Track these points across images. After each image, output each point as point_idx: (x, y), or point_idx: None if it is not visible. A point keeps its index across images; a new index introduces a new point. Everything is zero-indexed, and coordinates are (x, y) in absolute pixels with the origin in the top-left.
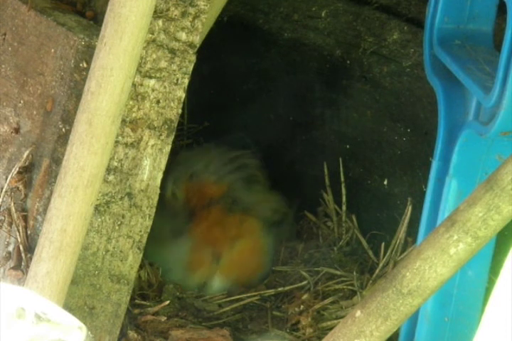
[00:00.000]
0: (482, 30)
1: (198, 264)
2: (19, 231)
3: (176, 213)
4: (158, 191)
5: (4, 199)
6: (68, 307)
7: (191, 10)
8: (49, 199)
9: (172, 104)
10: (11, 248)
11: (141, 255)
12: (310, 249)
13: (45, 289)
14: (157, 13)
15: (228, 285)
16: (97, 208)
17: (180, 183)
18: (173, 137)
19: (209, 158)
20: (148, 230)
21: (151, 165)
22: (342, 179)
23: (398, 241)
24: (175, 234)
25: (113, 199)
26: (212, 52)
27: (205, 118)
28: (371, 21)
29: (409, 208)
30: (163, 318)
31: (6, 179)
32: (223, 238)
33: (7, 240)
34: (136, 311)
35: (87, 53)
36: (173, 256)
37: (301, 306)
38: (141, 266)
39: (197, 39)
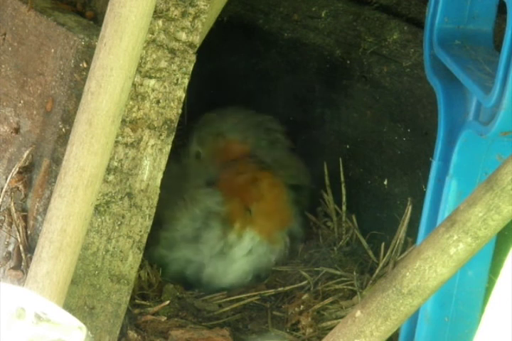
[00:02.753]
0: (482, 30)
1: (234, 216)
2: (19, 231)
3: (198, 172)
4: (158, 191)
5: (4, 199)
6: (68, 307)
7: (191, 10)
8: (49, 199)
9: (172, 104)
10: (11, 248)
11: (141, 255)
12: (310, 248)
13: (45, 289)
14: (157, 13)
15: (259, 241)
16: (97, 208)
17: (206, 143)
18: (173, 137)
19: (236, 120)
20: (148, 230)
21: (151, 165)
22: (342, 179)
23: (398, 241)
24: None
25: (113, 199)
26: (212, 52)
27: None
28: (371, 21)
29: (409, 208)
30: (163, 318)
31: (6, 179)
32: (252, 191)
33: (7, 240)
34: (136, 311)
35: (87, 53)
36: (206, 212)
37: (301, 306)
38: (141, 266)
39: (197, 39)
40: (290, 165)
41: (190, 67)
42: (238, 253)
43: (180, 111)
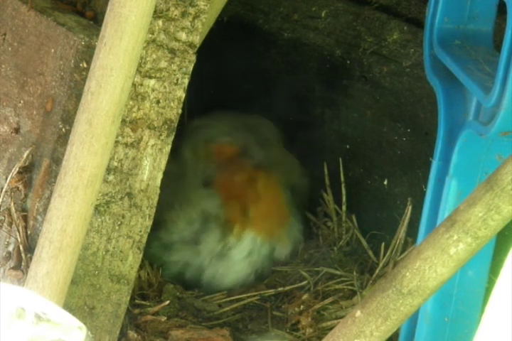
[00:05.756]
0: (482, 30)
1: (233, 219)
2: (19, 231)
3: (195, 173)
4: (158, 191)
5: (4, 199)
6: (68, 307)
7: (191, 10)
8: (49, 199)
9: (172, 104)
10: (11, 248)
11: (141, 255)
12: (310, 248)
13: (45, 289)
14: (157, 13)
15: (260, 241)
16: (97, 208)
17: (197, 149)
18: (173, 137)
19: (223, 123)
20: (148, 230)
21: (151, 165)
22: (342, 179)
23: (398, 241)
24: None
25: (113, 199)
26: (212, 52)
27: None
28: (371, 21)
29: (409, 208)
30: (163, 318)
31: (6, 179)
32: (248, 191)
33: (7, 240)
34: (136, 311)
35: (87, 53)
36: (203, 215)
37: (301, 306)
38: (141, 266)
39: (197, 39)
40: (284, 162)
41: (190, 67)
42: (238, 256)
43: (180, 111)
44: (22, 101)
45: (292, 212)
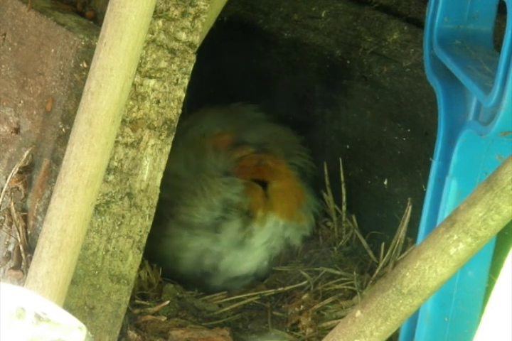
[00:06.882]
0: (482, 30)
1: (256, 205)
2: (19, 231)
3: (215, 163)
4: (159, 191)
5: (4, 199)
6: (68, 307)
7: (191, 10)
8: (49, 199)
9: (172, 104)
10: (11, 248)
11: (141, 255)
12: (310, 248)
13: (45, 289)
14: (157, 13)
15: (282, 224)
16: (97, 208)
17: (194, 145)
18: (173, 137)
19: (211, 115)
20: (148, 230)
21: (151, 165)
22: (342, 179)
23: (398, 241)
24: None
25: (113, 199)
26: (212, 52)
27: None
28: (371, 21)
29: (409, 208)
30: (163, 318)
31: (6, 179)
32: (264, 175)
33: (7, 240)
34: (136, 311)
35: (87, 53)
36: (226, 207)
37: (301, 306)
38: (141, 266)
39: (197, 39)
40: (279, 137)
41: (190, 67)
42: (259, 242)
43: (180, 111)
44: (22, 101)
45: (306, 189)
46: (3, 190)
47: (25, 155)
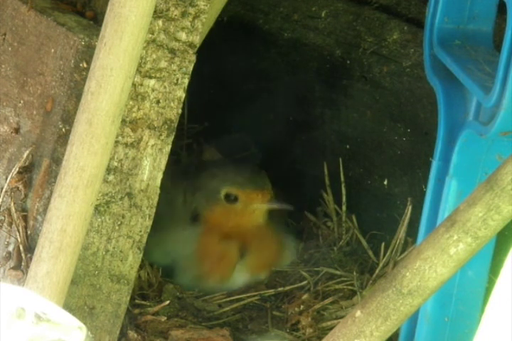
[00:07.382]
0: (482, 30)
1: (222, 257)
2: (19, 231)
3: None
4: (158, 191)
5: (4, 199)
6: (68, 307)
7: (191, 10)
8: (49, 199)
9: (172, 104)
10: (11, 248)
11: (141, 255)
12: (310, 248)
13: (45, 289)
14: (157, 13)
15: (248, 279)
16: (97, 208)
17: (210, 203)
18: (173, 137)
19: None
20: (148, 230)
21: (151, 165)
22: (342, 179)
23: (398, 241)
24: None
25: (113, 199)
26: (212, 52)
27: (205, 119)
28: (371, 21)
29: (409, 208)
30: (163, 318)
31: (6, 179)
32: (248, 233)
33: (7, 240)
34: (136, 311)
35: (87, 53)
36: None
37: (301, 306)
38: (141, 266)
39: (197, 39)
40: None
41: (190, 67)
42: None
43: (180, 111)
44: (22, 101)
45: (283, 235)
46: (3, 190)
47: (25, 155)
